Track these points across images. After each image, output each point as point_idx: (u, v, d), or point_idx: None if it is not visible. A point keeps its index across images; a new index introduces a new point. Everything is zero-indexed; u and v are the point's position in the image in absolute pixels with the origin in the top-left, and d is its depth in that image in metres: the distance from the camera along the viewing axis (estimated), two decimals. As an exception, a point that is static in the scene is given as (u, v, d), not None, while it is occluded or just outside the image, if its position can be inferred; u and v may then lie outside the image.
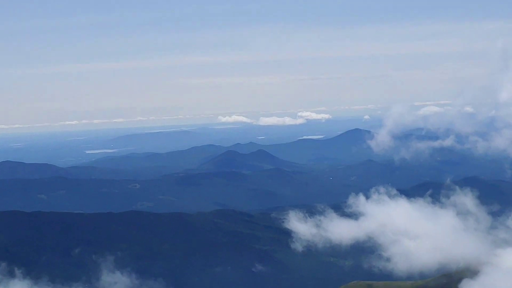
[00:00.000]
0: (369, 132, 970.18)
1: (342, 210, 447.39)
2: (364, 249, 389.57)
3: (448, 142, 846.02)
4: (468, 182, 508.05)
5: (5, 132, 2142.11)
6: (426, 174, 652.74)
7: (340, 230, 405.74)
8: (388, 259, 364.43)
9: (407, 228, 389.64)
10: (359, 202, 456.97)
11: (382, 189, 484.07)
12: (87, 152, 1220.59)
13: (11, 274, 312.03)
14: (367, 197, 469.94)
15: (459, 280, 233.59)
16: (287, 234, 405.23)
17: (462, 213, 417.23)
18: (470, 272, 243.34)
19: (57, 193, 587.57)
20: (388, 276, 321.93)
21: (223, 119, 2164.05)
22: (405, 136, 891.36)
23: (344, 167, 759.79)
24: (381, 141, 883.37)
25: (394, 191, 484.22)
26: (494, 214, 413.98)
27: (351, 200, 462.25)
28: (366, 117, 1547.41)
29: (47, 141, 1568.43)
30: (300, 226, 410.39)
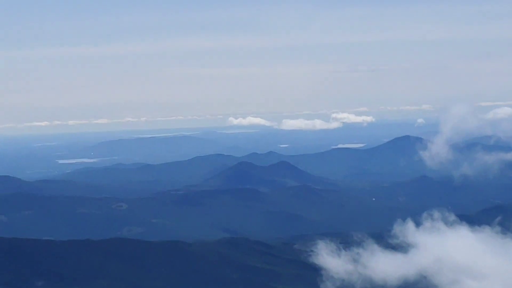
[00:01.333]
0: (422, 140, 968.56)
1: (387, 241, 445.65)
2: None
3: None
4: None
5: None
6: (496, 196, 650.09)
7: (384, 267, 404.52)
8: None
9: (470, 264, 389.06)
10: (409, 231, 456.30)
11: (438, 214, 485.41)
12: (60, 162, 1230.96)
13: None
14: (419, 224, 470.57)
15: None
16: (316, 270, 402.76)
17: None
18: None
19: (21, 213, 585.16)
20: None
21: (235, 122, 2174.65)
22: (468, 146, 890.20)
23: (390, 185, 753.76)
24: (437, 152, 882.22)
25: (453, 217, 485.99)
26: None
27: (398, 227, 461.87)
28: (420, 120, 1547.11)
29: (9, 148, 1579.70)
30: (332, 261, 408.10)
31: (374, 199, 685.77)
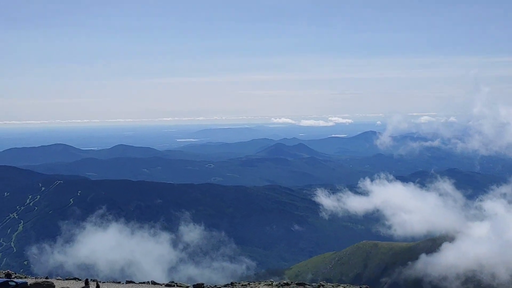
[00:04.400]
0: (378, 133, 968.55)
1: (357, 189, 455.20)
2: (372, 218, 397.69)
3: (435, 143, 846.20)
4: (449, 172, 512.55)
5: (120, 124, 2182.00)
6: (418, 166, 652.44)
7: (355, 204, 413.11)
8: (389, 226, 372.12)
9: (402, 204, 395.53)
10: (369, 184, 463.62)
11: (384, 175, 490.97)
12: (178, 140, 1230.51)
13: (116, 220, 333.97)
14: (375, 181, 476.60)
15: (441, 243, 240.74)
16: (317, 205, 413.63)
17: (443, 195, 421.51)
18: (449, 237, 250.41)
19: (155, 168, 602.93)
20: (389, 239, 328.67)
21: (275, 120, 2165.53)
22: (403, 138, 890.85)
23: (360, 158, 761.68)
24: (386, 140, 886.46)
25: (393, 177, 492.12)
26: (468, 197, 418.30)
27: (363, 182, 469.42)
28: (378, 122, 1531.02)
29: (150, 131, 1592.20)
30: (326, 200, 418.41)
31: (351, 166, 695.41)
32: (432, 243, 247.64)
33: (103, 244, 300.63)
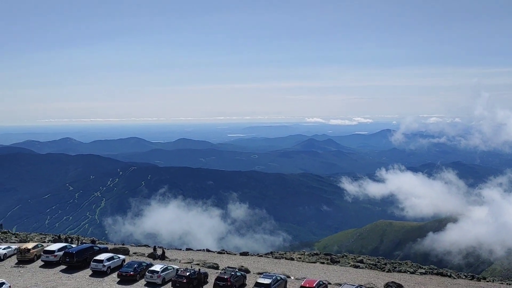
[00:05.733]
0: (394, 131, 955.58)
1: (375, 177, 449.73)
2: (388, 201, 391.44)
3: (441, 139, 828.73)
4: (453, 165, 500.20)
5: (182, 122, 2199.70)
6: (426, 159, 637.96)
7: (373, 189, 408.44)
8: (402, 209, 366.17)
9: (413, 190, 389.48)
10: (385, 173, 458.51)
11: (398, 166, 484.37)
12: (228, 135, 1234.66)
13: (175, 197, 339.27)
14: (390, 170, 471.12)
15: (446, 224, 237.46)
16: (342, 189, 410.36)
17: (448, 183, 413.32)
18: (453, 219, 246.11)
19: (210, 158, 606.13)
20: (402, 219, 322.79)
21: (308, 119, 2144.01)
22: (413, 135, 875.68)
23: (378, 152, 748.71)
24: (399, 137, 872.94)
25: (404, 168, 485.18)
26: (469, 185, 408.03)
27: (380, 171, 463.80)
28: (394, 122, 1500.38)
29: (206, 128, 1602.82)
30: (349, 186, 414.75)
31: (370, 158, 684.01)
32: (438, 223, 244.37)
33: (165, 217, 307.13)
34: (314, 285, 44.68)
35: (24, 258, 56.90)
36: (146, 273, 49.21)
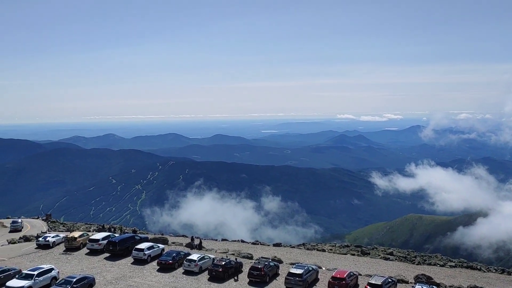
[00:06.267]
0: (424, 127, 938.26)
1: (405, 172, 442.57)
2: (418, 196, 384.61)
3: (472, 135, 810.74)
4: (483, 160, 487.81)
5: (218, 118, 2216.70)
6: (456, 154, 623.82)
7: (403, 184, 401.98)
8: (432, 203, 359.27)
9: (443, 185, 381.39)
10: (415, 168, 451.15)
11: (428, 162, 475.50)
12: (262, 131, 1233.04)
13: (210, 189, 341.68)
14: (420, 166, 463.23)
15: (476, 218, 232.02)
16: (372, 184, 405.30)
17: (478, 179, 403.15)
18: (483, 213, 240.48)
19: (245, 153, 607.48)
20: (432, 213, 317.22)
21: (339, 116, 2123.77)
22: (443, 131, 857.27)
23: (408, 148, 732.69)
24: (429, 133, 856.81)
25: (434, 163, 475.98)
26: (500, 180, 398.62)
27: (410, 167, 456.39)
28: (424, 118, 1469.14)
29: (241, 124, 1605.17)
30: (380, 180, 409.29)
31: (401, 153, 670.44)
32: (468, 217, 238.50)
33: (200, 208, 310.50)
34: (345, 275, 44.25)
35: (71, 246, 58.91)
36: (184, 261, 49.87)
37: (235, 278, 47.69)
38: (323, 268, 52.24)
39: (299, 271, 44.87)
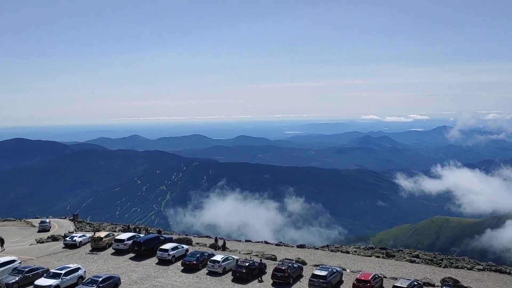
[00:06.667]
0: (451, 128, 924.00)
1: (430, 174, 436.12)
2: (444, 197, 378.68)
3: (500, 136, 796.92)
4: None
5: (242, 119, 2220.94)
6: (484, 155, 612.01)
7: (429, 185, 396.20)
8: (459, 205, 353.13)
9: (470, 187, 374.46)
10: (441, 170, 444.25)
11: (454, 163, 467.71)
12: (286, 132, 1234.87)
13: (233, 189, 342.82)
14: (446, 167, 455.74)
15: (505, 220, 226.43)
16: (397, 185, 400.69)
17: (507, 180, 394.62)
18: (511, 216, 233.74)
19: (268, 154, 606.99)
20: (458, 215, 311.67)
21: (363, 117, 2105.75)
22: (471, 132, 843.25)
23: (434, 149, 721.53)
24: (456, 134, 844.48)
25: (461, 164, 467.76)
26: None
27: (436, 168, 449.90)
28: (451, 119, 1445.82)
29: (264, 125, 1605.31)
30: (405, 181, 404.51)
31: (426, 154, 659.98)
32: (496, 220, 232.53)
33: (223, 209, 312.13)
34: (369, 278, 43.77)
35: (97, 246, 59.80)
36: (208, 262, 50.09)
37: (259, 279, 47.70)
38: (348, 270, 51.81)
39: (323, 273, 44.50)
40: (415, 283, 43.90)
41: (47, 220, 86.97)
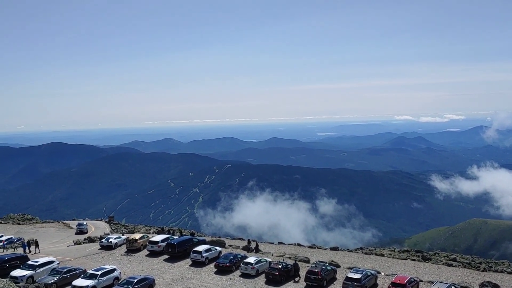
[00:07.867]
0: (488, 128, 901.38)
1: (467, 175, 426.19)
2: (482, 199, 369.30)
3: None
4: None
5: (274, 122, 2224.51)
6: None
7: (466, 187, 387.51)
8: (497, 207, 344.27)
9: (509, 188, 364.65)
10: (478, 171, 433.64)
11: (492, 164, 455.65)
12: (318, 134, 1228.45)
13: (263, 189, 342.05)
14: (483, 168, 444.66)
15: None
16: (432, 187, 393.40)
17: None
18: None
19: (301, 156, 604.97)
20: (497, 217, 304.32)
21: (397, 117, 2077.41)
22: (509, 131, 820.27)
23: (471, 149, 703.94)
24: (493, 134, 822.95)
25: (498, 165, 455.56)
26: None
27: (473, 169, 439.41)
28: (488, 118, 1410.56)
29: (296, 127, 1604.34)
30: (440, 183, 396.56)
31: (463, 155, 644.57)
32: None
33: (254, 210, 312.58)
34: (405, 281, 42.93)
35: (132, 248, 60.75)
36: (241, 264, 50.14)
37: (295, 279, 47.62)
38: (382, 273, 51.03)
39: (357, 276, 43.89)
40: (453, 287, 42.87)
41: (85, 223, 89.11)
